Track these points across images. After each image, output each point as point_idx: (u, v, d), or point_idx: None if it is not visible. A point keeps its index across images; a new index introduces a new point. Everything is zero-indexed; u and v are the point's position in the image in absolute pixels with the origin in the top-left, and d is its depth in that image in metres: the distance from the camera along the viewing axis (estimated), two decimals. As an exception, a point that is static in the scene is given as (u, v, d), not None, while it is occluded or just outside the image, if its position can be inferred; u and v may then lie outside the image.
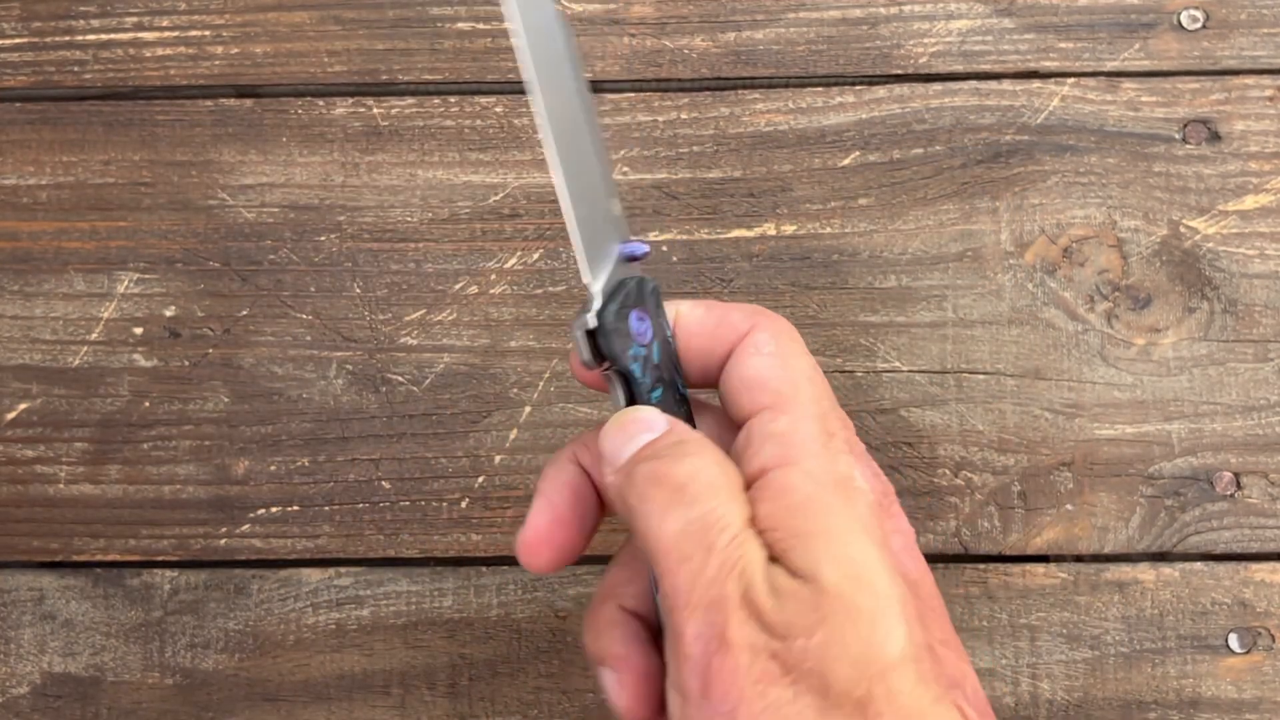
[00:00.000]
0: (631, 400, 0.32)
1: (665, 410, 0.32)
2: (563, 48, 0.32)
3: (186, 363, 0.45)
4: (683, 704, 0.29)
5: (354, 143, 0.45)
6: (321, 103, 0.46)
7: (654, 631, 0.32)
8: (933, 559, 0.44)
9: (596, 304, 0.32)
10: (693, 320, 0.34)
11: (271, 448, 0.44)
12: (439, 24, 0.46)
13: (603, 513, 0.34)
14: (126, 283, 0.45)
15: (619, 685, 0.32)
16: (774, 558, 0.29)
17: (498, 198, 0.45)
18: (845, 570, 0.29)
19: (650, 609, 0.33)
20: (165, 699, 0.44)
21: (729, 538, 0.29)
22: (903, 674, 0.28)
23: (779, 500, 0.30)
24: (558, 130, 0.31)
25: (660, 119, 0.45)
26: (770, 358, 0.33)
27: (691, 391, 0.34)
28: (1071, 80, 0.45)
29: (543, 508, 0.33)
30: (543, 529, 0.33)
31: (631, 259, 0.34)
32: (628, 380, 0.32)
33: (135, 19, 0.46)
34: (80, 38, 0.46)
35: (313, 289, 0.45)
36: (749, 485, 0.31)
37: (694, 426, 0.33)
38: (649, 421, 0.32)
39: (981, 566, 0.44)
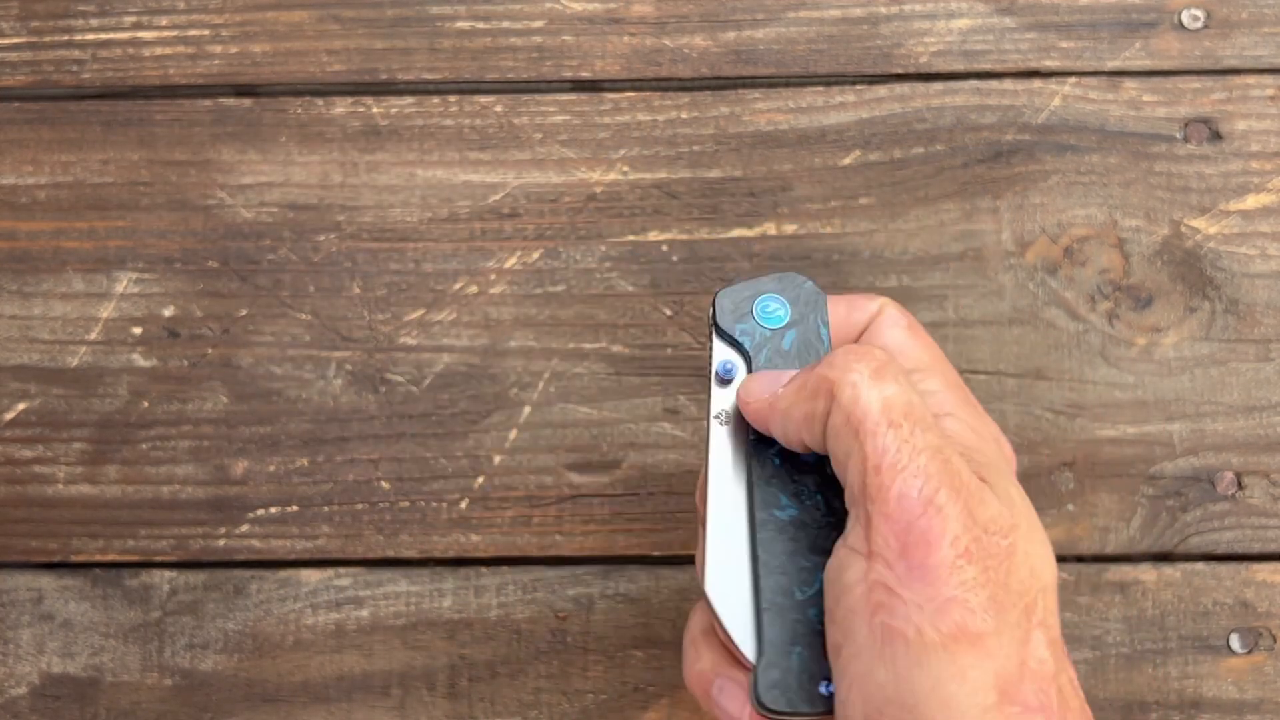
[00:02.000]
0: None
1: None
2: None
3: (185, 363, 0.45)
4: (868, 568, 0.29)
5: (353, 142, 0.45)
6: (321, 102, 0.45)
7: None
8: (933, 559, 0.44)
9: (730, 284, 0.35)
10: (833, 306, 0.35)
11: (270, 448, 0.44)
12: (438, 23, 0.46)
13: None
14: (125, 283, 0.45)
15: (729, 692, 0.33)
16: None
17: (497, 197, 0.45)
18: (1023, 501, 0.31)
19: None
20: (164, 700, 0.44)
21: (932, 419, 0.30)
22: (1054, 597, 0.30)
23: (953, 440, 0.32)
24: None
25: (660, 118, 0.45)
26: (907, 330, 0.34)
27: None
28: (1073, 79, 0.45)
29: None
30: None
31: (724, 379, 0.35)
32: (741, 352, 0.34)
33: (134, 18, 0.46)
34: (79, 37, 0.46)
35: (312, 289, 0.45)
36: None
37: None
38: (778, 377, 0.33)
39: (982, 567, 0.43)
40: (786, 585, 0.32)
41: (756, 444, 0.33)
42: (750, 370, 0.34)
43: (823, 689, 0.31)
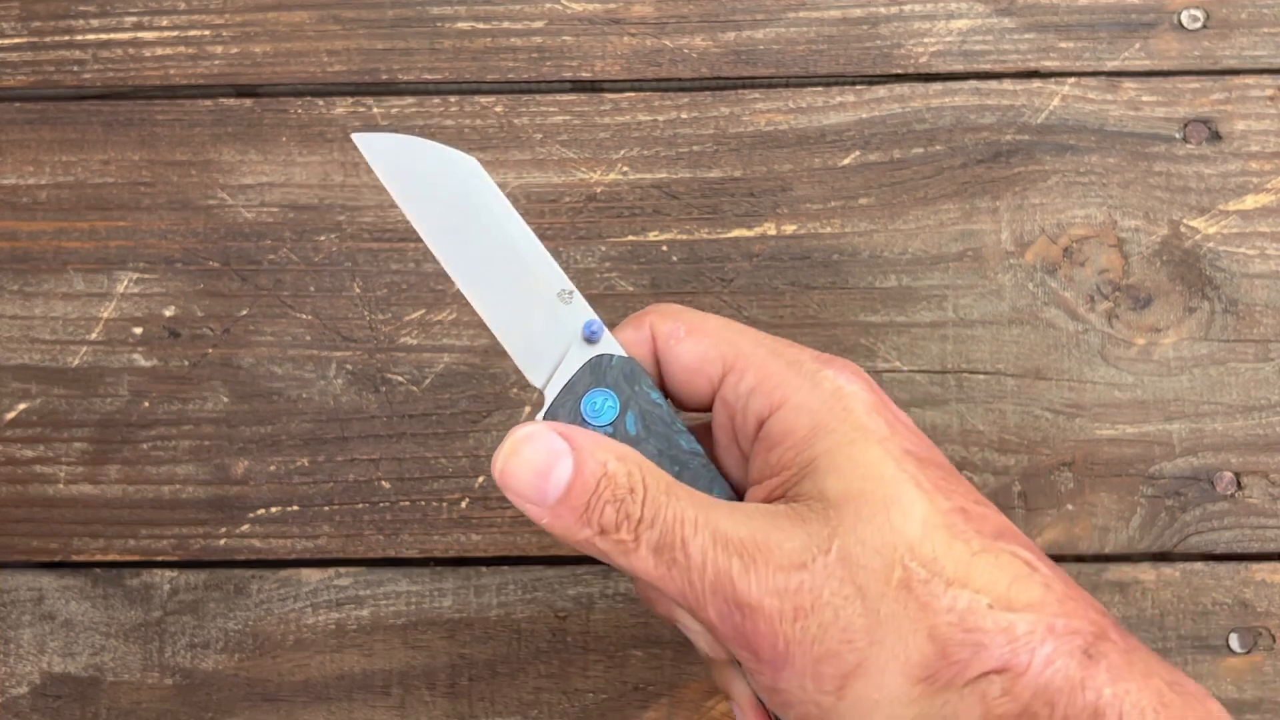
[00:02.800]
0: None
1: (667, 468, 0.32)
2: (448, 181, 0.32)
3: (186, 363, 0.45)
4: (755, 683, 0.30)
5: (354, 142, 0.45)
6: (321, 102, 0.45)
7: None
8: (933, 559, 0.44)
9: (547, 403, 0.33)
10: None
11: (271, 448, 0.44)
12: (439, 24, 0.46)
13: None
14: (126, 282, 0.45)
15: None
16: (791, 498, 0.30)
17: (497, 197, 0.45)
18: (850, 474, 0.29)
19: None
20: (165, 699, 0.44)
21: (689, 525, 0.30)
22: (933, 541, 0.28)
23: (783, 443, 0.31)
24: (466, 275, 0.32)
25: (660, 118, 0.45)
26: (690, 337, 0.33)
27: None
28: (1072, 80, 0.45)
29: None
30: None
31: (590, 340, 0.33)
32: None
33: (135, 19, 0.46)
34: (80, 37, 0.46)
35: (312, 289, 0.45)
36: (749, 444, 0.32)
37: (710, 475, 0.33)
38: (553, 450, 0.31)
39: (982, 566, 0.43)
40: None
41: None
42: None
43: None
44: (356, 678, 0.44)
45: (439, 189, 0.33)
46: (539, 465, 0.30)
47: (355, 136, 0.32)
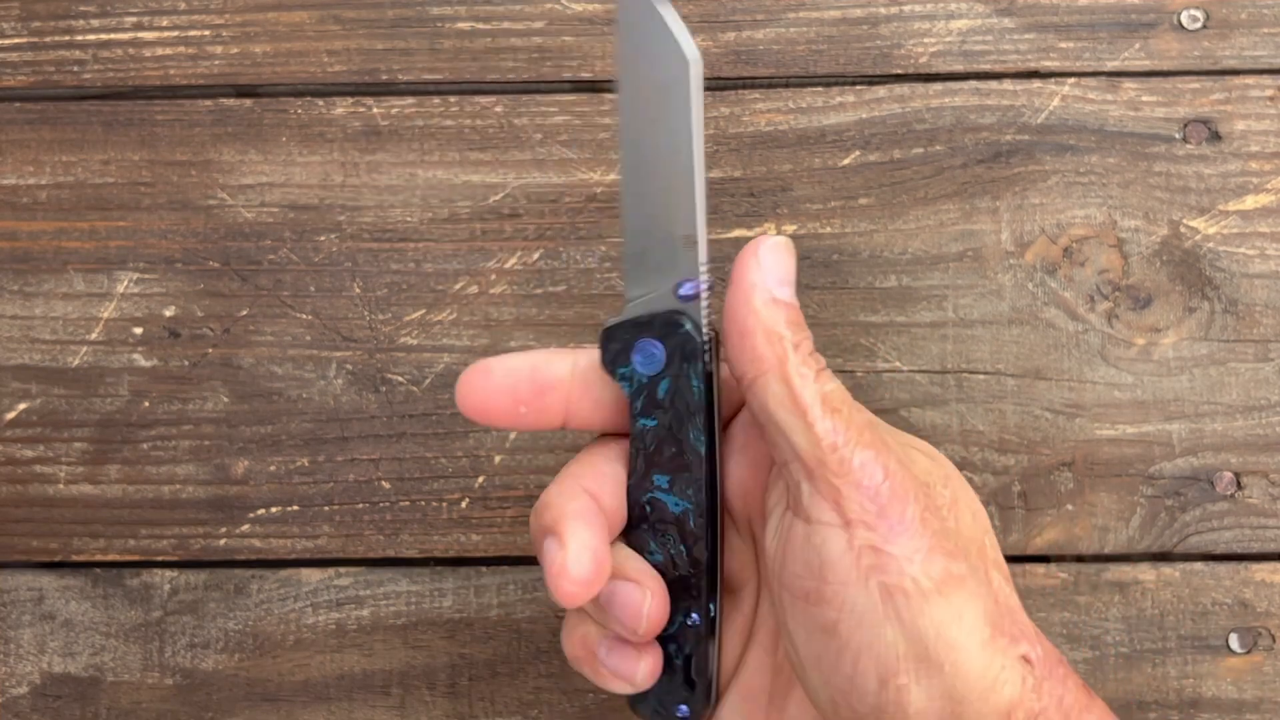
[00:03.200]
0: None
1: (654, 445, 0.34)
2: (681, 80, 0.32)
3: (186, 363, 0.45)
4: (850, 536, 0.30)
5: (354, 142, 0.45)
6: (321, 102, 0.45)
7: (606, 514, 0.34)
8: (933, 559, 0.44)
9: (617, 319, 0.34)
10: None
11: (271, 448, 0.44)
12: (439, 24, 0.46)
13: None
14: (126, 283, 0.45)
15: (561, 548, 0.32)
16: None
17: (498, 198, 0.45)
18: (944, 460, 0.34)
19: (614, 490, 0.34)
20: (165, 699, 0.44)
21: (855, 403, 0.32)
22: (994, 538, 0.33)
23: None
24: (631, 131, 0.31)
25: (660, 119, 0.45)
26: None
27: None
28: (1072, 80, 0.45)
29: (581, 547, 0.32)
30: (590, 571, 0.32)
31: (684, 297, 0.34)
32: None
33: (135, 19, 0.46)
34: (80, 37, 0.46)
35: (312, 289, 0.45)
36: None
37: (715, 477, 0.34)
38: (793, 279, 0.33)
39: (982, 566, 0.44)
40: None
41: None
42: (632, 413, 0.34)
43: (680, 710, 0.35)
44: (356, 678, 0.44)
45: (655, 69, 0.32)
46: (788, 272, 0.33)
47: None
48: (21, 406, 0.45)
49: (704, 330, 0.34)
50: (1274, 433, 0.44)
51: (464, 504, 0.44)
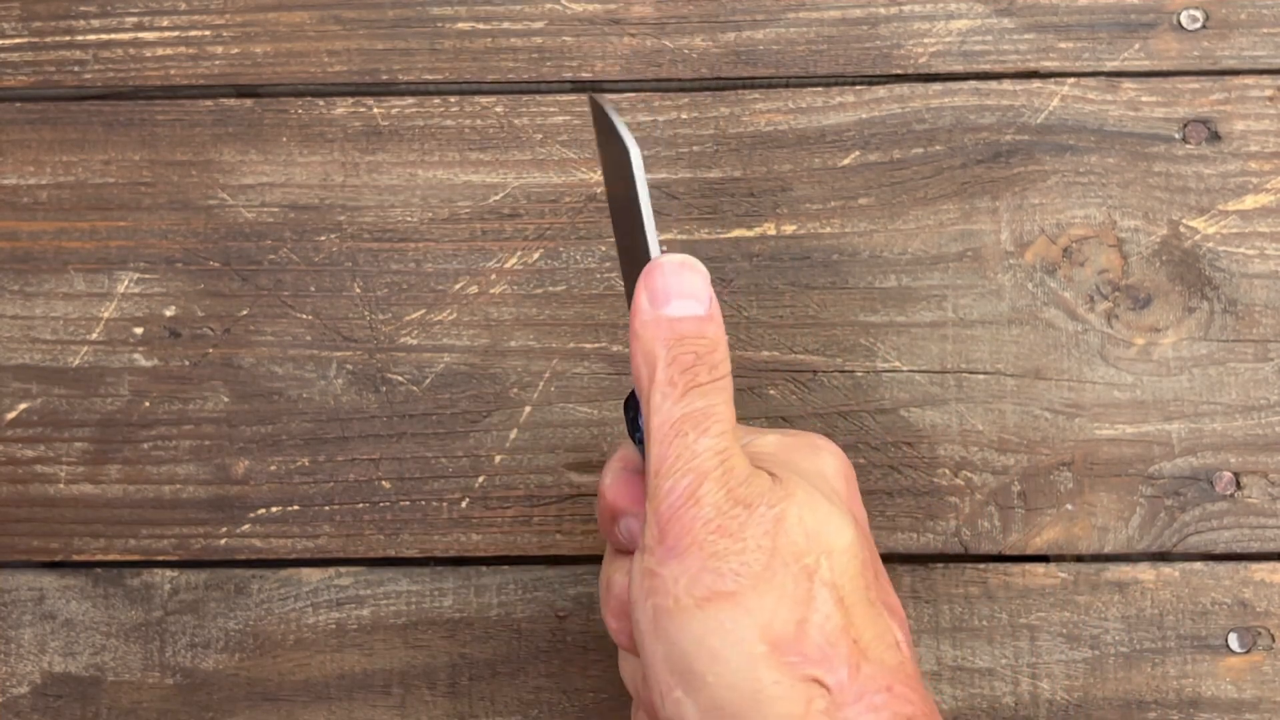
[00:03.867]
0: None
1: None
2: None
3: (186, 363, 0.45)
4: (641, 560, 0.32)
5: (354, 143, 0.45)
6: (321, 103, 0.46)
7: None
8: (933, 559, 0.44)
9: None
10: None
11: (271, 448, 0.44)
12: (439, 24, 0.46)
13: None
14: (126, 282, 0.45)
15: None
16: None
17: (498, 198, 0.45)
18: (809, 486, 0.33)
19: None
20: (165, 699, 0.44)
21: (722, 429, 0.32)
22: (848, 562, 0.32)
23: (760, 460, 0.34)
24: (610, 200, 0.35)
25: (660, 119, 0.45)
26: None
27: None
28: (1071, 80, 0.45)
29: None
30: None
31: None
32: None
33: (135, 19, 0.46)
34: (80, 38, 0.46)
35: (313, 289, 0.45)
36: None
37: None
38: (696, 291, 0.33)
39: (981, 566, 0.44)
40: None
41: None
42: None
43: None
44: (357, 677, 0.44)
45: (612, 153, 0.35)
46: (684, 286, 0.33)
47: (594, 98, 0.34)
48: (22, 406, 0.45)
49: None
50: (1273, 432, 0.44)
51: (464, 504, 0.44)
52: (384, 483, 0.44)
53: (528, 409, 0.44)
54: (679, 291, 0.33)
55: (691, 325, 0.33)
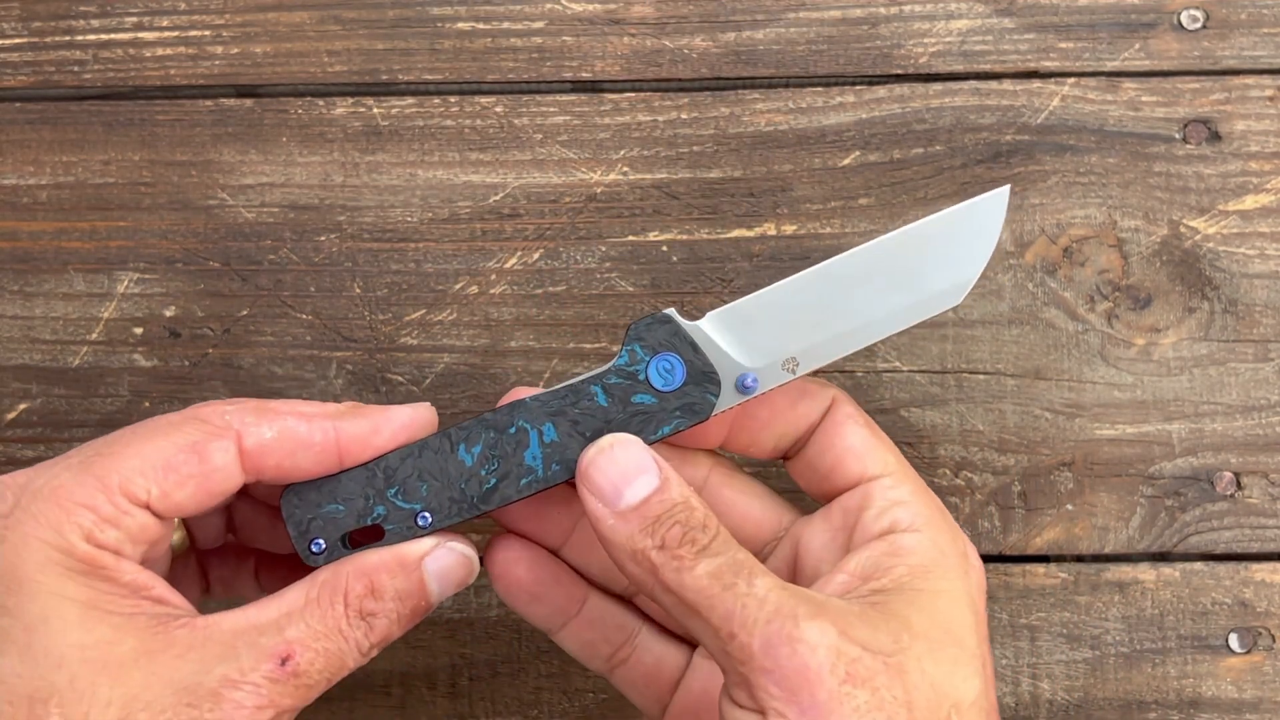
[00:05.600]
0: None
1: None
2: None
3: (186, 363, 0.45)
4: (771, 715, 0.29)
5: (354, 143, 0.45)
6: (321, 103, 0.46)
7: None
8: (933, 559, 0.44)
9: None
10: (776, 395, 0.35)
11: (271, 448, 0.44)
12: (439, 24, 0.46)
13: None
14: (126, 283, 0.45)
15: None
16: (870, 603, 0.31)
17: (498, 198, 0.45)
18: (937, 622, 0.30)
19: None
20: (165, 699, 0.44)
21: (764, 571, 0.30)
22: (975, 715, 0.30)
23: (901, 557, 0.32)
24: None
25: (660, 119, 0.45)
26: (867, 430, 0.35)
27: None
28: (1072, 80, 0.45)
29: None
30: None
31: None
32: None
33: (135, 19, 0.46)
34: (80, 38, 0.46)
35: (313, 289, 0.45)
36: (867, 541, 0.33)
37: None
38: (640, 464, 0.32)
39: (982, 566, 0.44)
40: (392, 480, 0.34)
41: (524, 405, 0.35)
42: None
43: (315, 543, 0.33)
44: (357, 677, 0.44)
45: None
46: (626, 469, 0.31)
47: None
48: (22, 406, 0.45)
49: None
50: (1274, 432, 0.44)
51: (464, 504, 0.44)
52: (384, 483, 0.44)
53: (528, 409, 0.44)
54: (623, 477, 0.31)
55: (657, 502, 0.31)
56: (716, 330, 0.34)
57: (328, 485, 0.33)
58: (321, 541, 0.33)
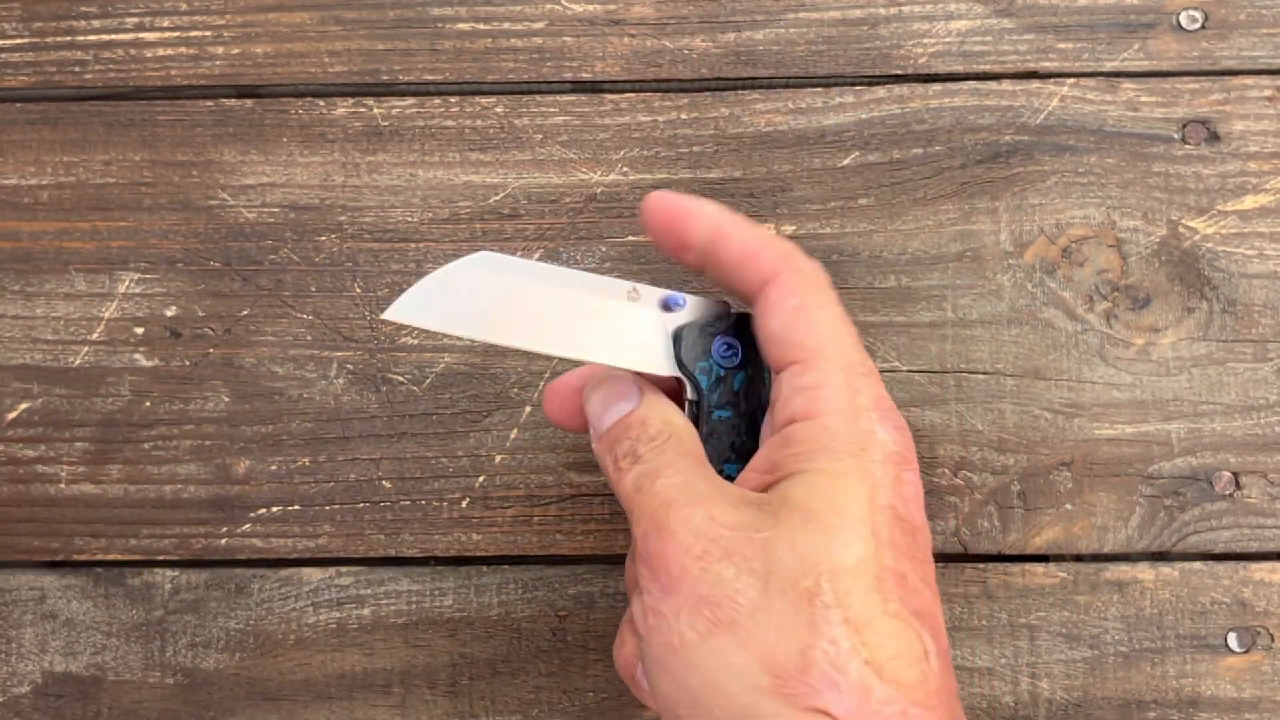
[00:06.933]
0: (695, 410, 0.35)
1: (728, 435, 0.35)
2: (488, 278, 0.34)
3: (187, 362, 0.45)
4: (641, 601, 0.32)
5: (354, 143, 0.45)
6: (322, 103, 0.46)
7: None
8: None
9: (680, 320, 0.36)
10: (729, 248, 0.35)
11: (272, 447, 0.44)
12: (439, 24, 0.46)
13: None
14: (127, 283, 0.45)
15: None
16: (766, 491, 0.33)
17: (498, 198, 0.45)
18: (821, 497, 0.31)
19: None
20: (166, 698, 0.44)
21: (674, 473, 0.33)
22: (856, 579, 0.30)
23: (790, 447, 0.33)
24: (554, 346, 0.35)
25: (660, 119, 0.45)
26: (795, 311, 0.34)
27: None
28: (1071, 80, 0.45)
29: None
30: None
31: (669, 308, 0.36)
32: (697, 389, 0.35)
33: (136, 19, 0.46)
34: (81, 38, 0.46)
35: (313, 289, 0.45)
36: (771, 434, 0.34)
37: (748, 457, 0.35)
38: (624, 391, 0.35)
39: (981, 566, 0.44)
40: None
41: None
42: (702, 408, 0.36)
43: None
44: (358, 677, 0.44)
45: (479, 296, 0.34)
46: (609, 397, 0.35)
47: (389, 315, 0.33)
48: (23, 406, 0.45)
49: None
50: (1272, 432, 0.44)
51: (464, 503, 0.44)
52: (384, 482, 0.44)
53: (528, 409, 0.44)
54: (606, 404, 0.35)
55: (619, 426, 0.35)
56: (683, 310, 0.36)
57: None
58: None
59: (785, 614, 0.30)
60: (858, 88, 0.45)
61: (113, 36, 0.46)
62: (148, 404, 0.45)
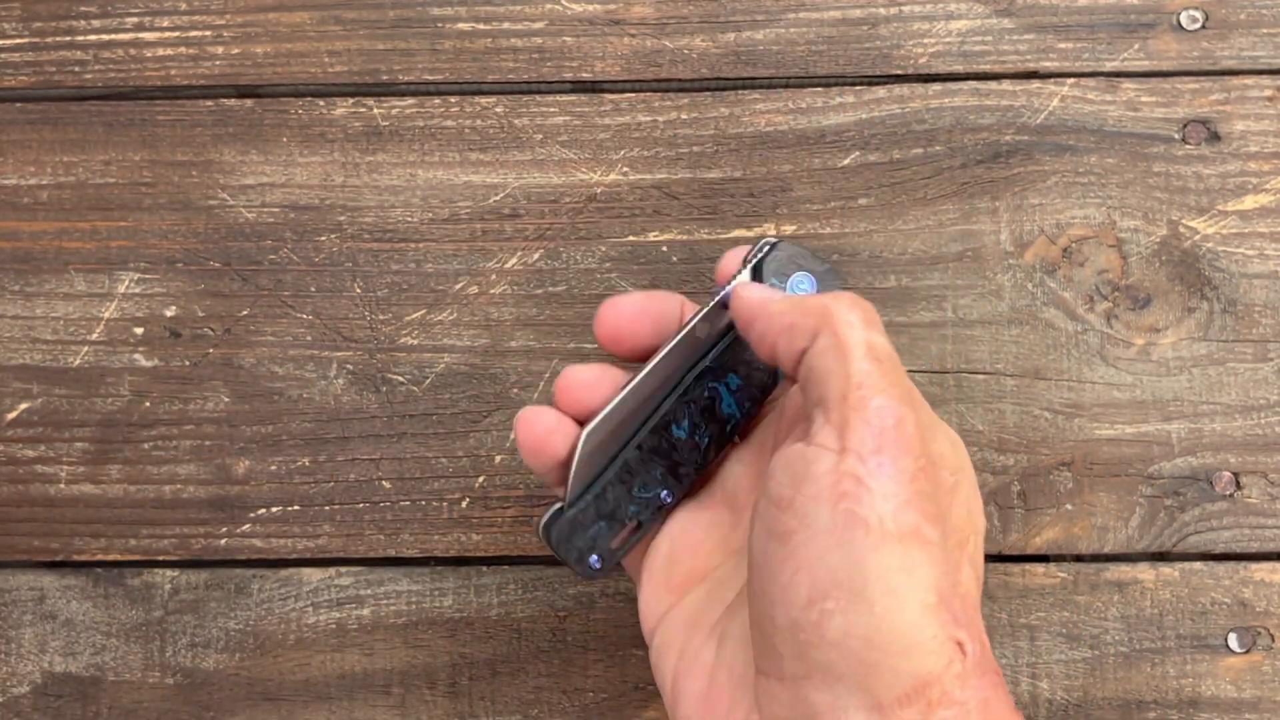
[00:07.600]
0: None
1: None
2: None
3: (187, 363, 0.45)
4: (840, 460, 0.31)
5: (354, 143, 0.45)
6: (322, 103, 0.46)
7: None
8: (932, 559, 0.44)
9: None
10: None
11: (272, 448, 0.44)
12: (439, 24, 0.46)
13: None
14: (127, 283, 0.45)
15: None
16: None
17: (498, 198, 0.45)
18: (966, 459, 0.35)
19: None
20: (166, 698, 0.44)
21: (904, 374, 0.34)
22: (982, 545, 0.34)
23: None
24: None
25: (660, 119, 0.45)
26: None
27: None
28: (1071, 80, 0.45)
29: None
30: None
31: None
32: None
33: (136, 19, 0.46)
34: (81, 38, 0.46)
35: (313, 289, 0.45)
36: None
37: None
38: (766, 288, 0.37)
39: (981, 566, 0.44)
40: (632, 479, 0.37)
41: (709, 369, 0.38)
42: None
43: (592, 560, 0.37)
44: (357, 677, 0.44)
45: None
46: (759, 289, 0.37)
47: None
48: (23, 406, 0.45)
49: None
50: (1273, 432, 0.44)
51: (464, 504, 0.44)
52: (384, 483, 0.44)
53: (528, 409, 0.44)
54: (761, 288, 0.36)
55: (848, 296, 0.34)
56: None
57: (582, 513, 0.37)
58: (597, 557, 0.38)
59: (949, 550, 0.31)
60: (858, 88, 0.45)
61: (112, 36, 0.46)
62: (147, 404, 0.45)
